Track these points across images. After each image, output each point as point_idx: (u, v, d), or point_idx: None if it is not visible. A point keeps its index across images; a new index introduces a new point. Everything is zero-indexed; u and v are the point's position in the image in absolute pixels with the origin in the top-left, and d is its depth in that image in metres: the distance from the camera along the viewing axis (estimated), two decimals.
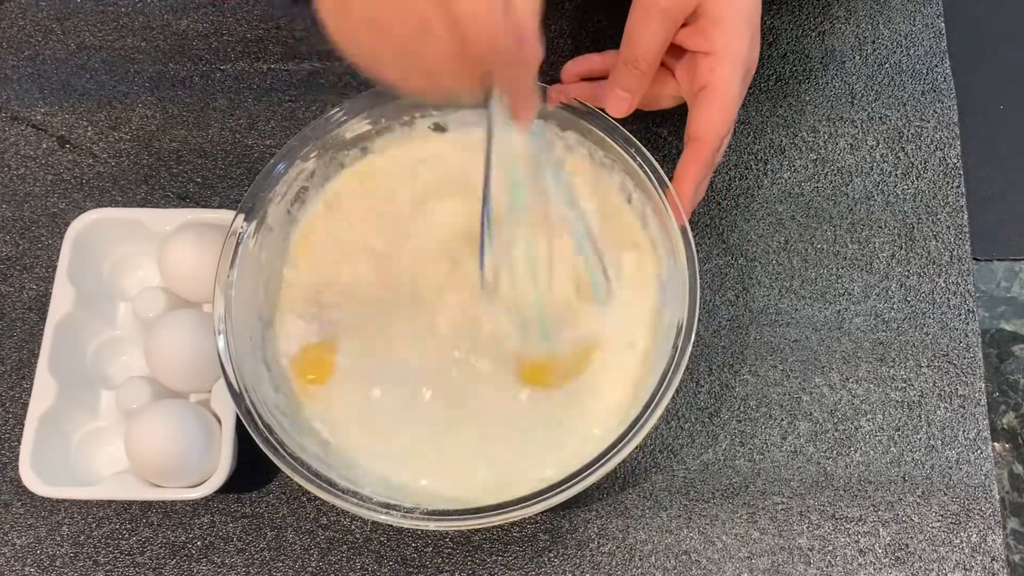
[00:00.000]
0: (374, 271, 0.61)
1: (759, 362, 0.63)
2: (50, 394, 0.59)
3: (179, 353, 0.59)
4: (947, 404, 0.62)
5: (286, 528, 0.61)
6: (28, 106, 0.72)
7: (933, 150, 0.68)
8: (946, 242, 0.66)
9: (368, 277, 0.61)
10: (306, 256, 0.61)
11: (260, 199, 0.59)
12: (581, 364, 0.58)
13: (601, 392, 0.57)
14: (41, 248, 0.68)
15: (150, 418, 0.57)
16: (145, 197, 0.69)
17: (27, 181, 0.70)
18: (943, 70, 0.70)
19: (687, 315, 0.54)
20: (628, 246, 0.60)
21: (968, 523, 0.59)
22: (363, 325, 0.60)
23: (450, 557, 0.60)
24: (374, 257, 0.61)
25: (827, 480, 0.61)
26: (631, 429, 0.52)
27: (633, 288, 0.59)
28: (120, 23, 0.74)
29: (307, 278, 0.61)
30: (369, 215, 0.62)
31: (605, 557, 0.60)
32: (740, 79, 0.55)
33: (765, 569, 0.59)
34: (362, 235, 0.62)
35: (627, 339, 0.58)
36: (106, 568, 0.60)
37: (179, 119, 0.71)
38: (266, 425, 0.54)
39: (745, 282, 0.65)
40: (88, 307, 0.62)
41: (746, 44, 0.55)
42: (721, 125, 0.55)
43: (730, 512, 0.60)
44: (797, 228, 0.66)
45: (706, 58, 0.54)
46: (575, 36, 0.72)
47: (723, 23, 0.53)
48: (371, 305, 0.60)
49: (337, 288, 0.61)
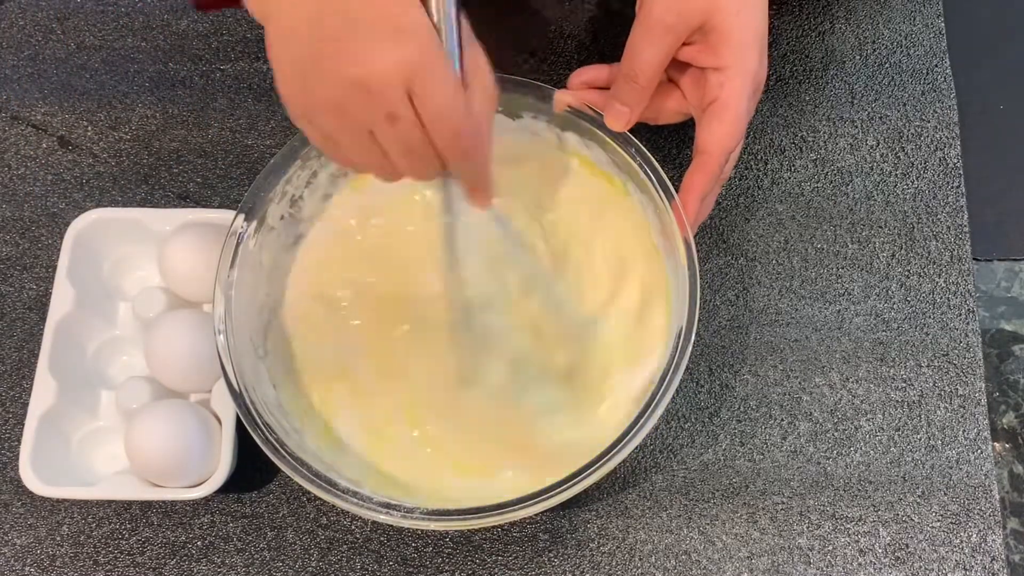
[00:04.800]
0: (375, 272, 0.61)
1: (759, 362, 0.63)
2: (50, 394, 0.59)
3: (179, 353, 0.59)
4: (947, 404, 0.62)
5: (286, 528, 0.61)
6: (28, 106, 0.72)
7: (933, 150, 0.68)
8: (946, 242, 0.66)
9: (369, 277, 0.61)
10: (307, 256, 0.61)
11: (260, 199, 0.59)
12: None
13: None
14: (41, 248, 0.68)
15: (150, 418, 0.57)
16: (145, 197, 0.69)
17: (27, 181, 0.70)
18: (943, 70, 0.70)
19: (687, 318, 0.54)
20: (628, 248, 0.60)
21: (968, 523, 0.59)
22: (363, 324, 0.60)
23: (450, 557, 0.60)
24: (375, 257, 0.61)
25: (827, 480, 0.61)
26: (631, 429, 0.52)
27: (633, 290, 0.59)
28: (120, 23, 0.74)
29: (308, 278, 0.61)
30: (370, 215, 0.62)
31: (605, 557, 0.60)
32: (749, 94, 0.54)
33: (765, 569, 0.59)
34: (363, 235, 0.62)
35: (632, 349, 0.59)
36: (106, 568, 0.60)
37: (179, 119, 0.71)
38: (266, 425, 0.54)
39: (745, 282, 0.65)
40: (88, 307, 0.62)
41: (756, 60, 0.54)
42: (729, 139, 0.54)
43: (730, 512, 0.60)
44: (797, 228, 0.66)
45: (716, 73, 0.54)
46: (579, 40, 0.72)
47: (732, 39, 0.53)
48: (372, 305, 0.60)
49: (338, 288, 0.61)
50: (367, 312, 0.60)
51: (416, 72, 0.42)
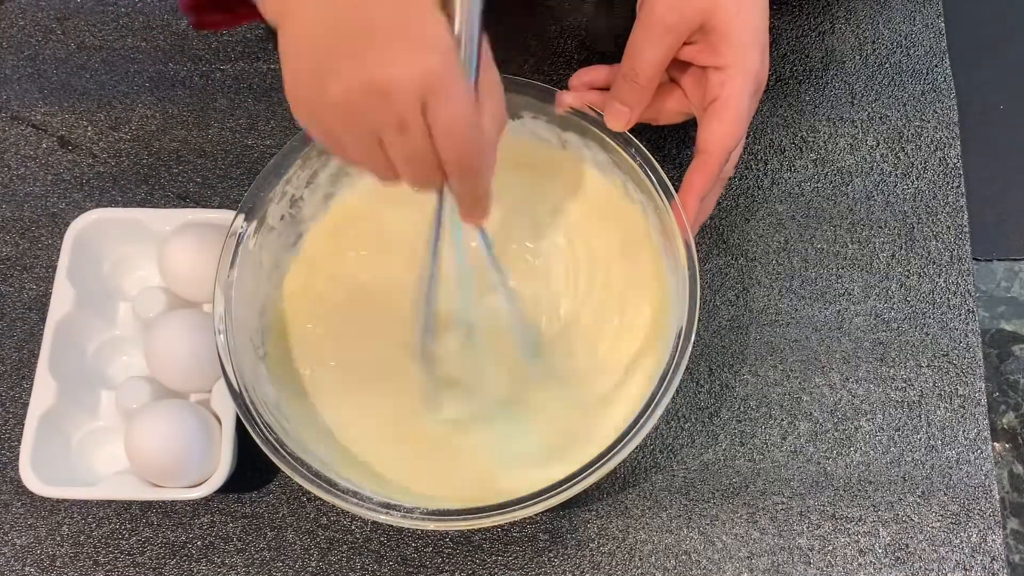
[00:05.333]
0: (376, 271, 0.61)
1: (759, 362, 0.63)
2: (50, 394, 0.59)
3: (179, 353, 0.59)
4: (947, 404, 0.62)
5: (286, 528, 0.61)
6: (28, 106, 0.72)
7: (933, 150, 0.68)
8: (946, 242, 0.66)
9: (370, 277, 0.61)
10: (308, 256, 0.61)
11: (260, 199, 0.59)
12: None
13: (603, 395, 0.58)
14: (41, 248, 0.68)
15: (150, 418, 0.57)
16: (145, 197, 0.69)
17: (27, 181, 0.70)
18: (943, 70, 0.70)
19: (687, 318, 0.54)
20: (629, 248, 0.60)
21: (968, 523, 0.59)
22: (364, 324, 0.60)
23: (450, 557, 0.60)
24: (376, 257, 0.61)
25: (827, 480, 0.61)
26: (631, 429, 0.52)
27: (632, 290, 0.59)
28: (120, 23, 0.74)
29: (309, 277, 0.61)
30: (370, 215, 0.62)
31: (605, 557, 0.60)
32: (751, 93, 0.54)
33: (765, 569, 0.59)
34: (363, 235, 0.62)
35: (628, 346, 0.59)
36: (106, 568, 0.60)
37: (179, 119, 0.71)
38: (266, 425, 0.54)
39: (745, 282, 0.65)
40: (88, 307, 0.62)
41: (757, 58, 0.54)
42: (730, 138, 0.54)
43: (730, 512, 0.60)
44: (797, 228, 0.66)
45: (717, 72, 0.54)
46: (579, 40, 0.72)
47: (733, 38, 0.53)
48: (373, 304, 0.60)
49: (338, 287, 0.61)
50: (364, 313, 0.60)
51: (433, 84, 0.42)
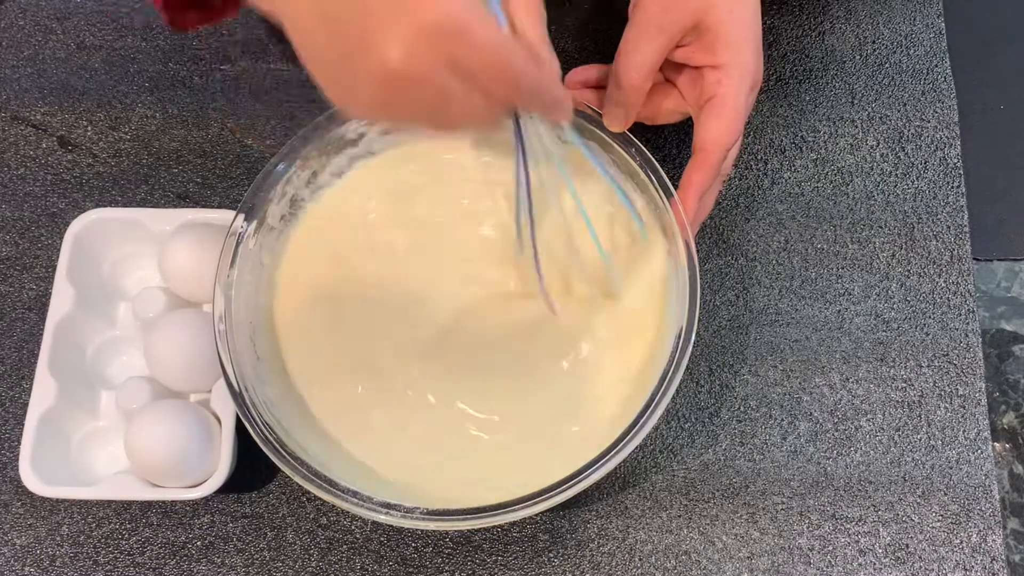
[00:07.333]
0: (376, 271, 0.61)
1: (759, 362, 0.63)
2: (50, 394, 0.59)
3: (179, 353, 0.59)
4: (947, 404, 0.62)
5: (286, 528, 0.61)
6: (28, 106, 0.72)
7: (933, 150, 0.68)
8: (946, 242, 0.66)
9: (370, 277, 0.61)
10: (307, 255, 0.61)
11: (260, 199, 0.59)
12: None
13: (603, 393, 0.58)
14: (41, 248, 0.68)
15: (150, 418, 0.57)
16: (145, 197, 0.69)
17: (27, 181, 0.70)
18: (943, 70, 0.70)
19: (687, 318, 0.54)
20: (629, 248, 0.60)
21: (968, 523, 0.59)
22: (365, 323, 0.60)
23: (450, 557, 0.60)
24: (376, 257, 0.61)
25: (827, 480, 0.61)
26: (631, 429, 0.52)
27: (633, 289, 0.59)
28: (120, 23, 0.74)
29: (308, 277, 0.61)
30: (370, 214, 0.62)
31: (605, 557, 0.60)
32: (747, 91, 0.54)
33: (765, 569, 0.59)
34: (364, 234, 0.62)
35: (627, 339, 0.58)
36: (106, 568, 0.60)
37: (179, 119, 0.71)
38: (266, 425, 0.54)
39: (745, 282, 0.65)
40: (88, 307, 0.62)
41: (752, 56, 0.54)
42: (727, 136, 0.54)
43: (730, 512, 0.60)
44: (797, 228, 0.66)
45: (713, 71, 0.54)
46: (579, 41, 0.72)
47: (728, 37, 0.53)
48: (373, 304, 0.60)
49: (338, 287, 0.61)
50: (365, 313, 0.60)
51: (445, 39, 0.38)
